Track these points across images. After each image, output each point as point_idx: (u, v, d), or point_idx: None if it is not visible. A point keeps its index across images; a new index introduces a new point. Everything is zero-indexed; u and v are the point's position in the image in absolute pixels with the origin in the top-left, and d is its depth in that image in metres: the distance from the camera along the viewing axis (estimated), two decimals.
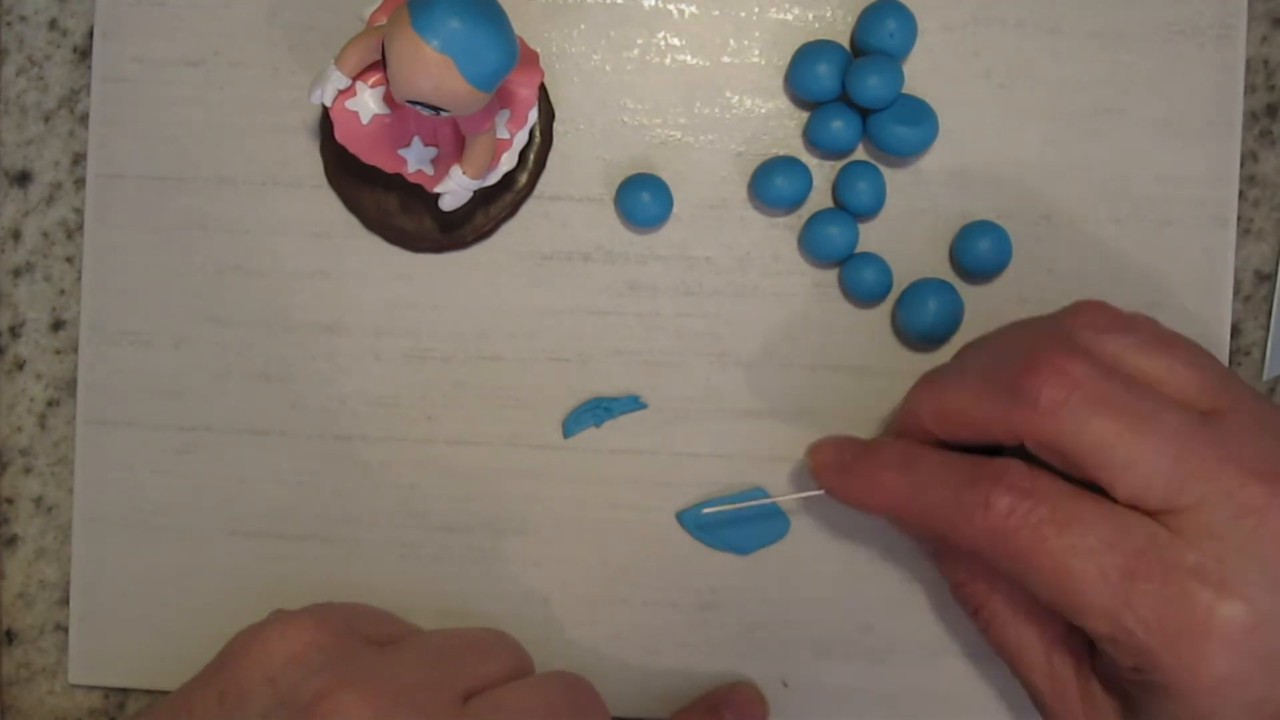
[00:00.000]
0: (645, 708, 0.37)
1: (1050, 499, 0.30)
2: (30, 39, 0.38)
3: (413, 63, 0.29)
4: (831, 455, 0.35)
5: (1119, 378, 0.30)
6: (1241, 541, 0.28)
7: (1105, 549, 0.29)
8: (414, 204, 0.37)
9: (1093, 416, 0.29)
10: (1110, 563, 0.29)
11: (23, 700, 0.39)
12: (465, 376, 0.37)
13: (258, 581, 0.38)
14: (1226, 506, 0.28)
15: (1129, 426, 0.29)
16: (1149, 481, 0.29)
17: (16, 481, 0.38)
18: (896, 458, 0.33)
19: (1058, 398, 0.29)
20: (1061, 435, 0.29)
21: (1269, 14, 0.38)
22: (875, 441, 0.34)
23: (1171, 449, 0.29)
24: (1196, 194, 0.37)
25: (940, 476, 0.31)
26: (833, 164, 0.37)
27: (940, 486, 0.31)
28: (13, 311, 0.38)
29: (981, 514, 0.30)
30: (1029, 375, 0.30)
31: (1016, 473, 0.30)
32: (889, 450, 0.33)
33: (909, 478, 0.32)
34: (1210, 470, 0.28)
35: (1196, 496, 0.29)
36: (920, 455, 0.33)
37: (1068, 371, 0.29)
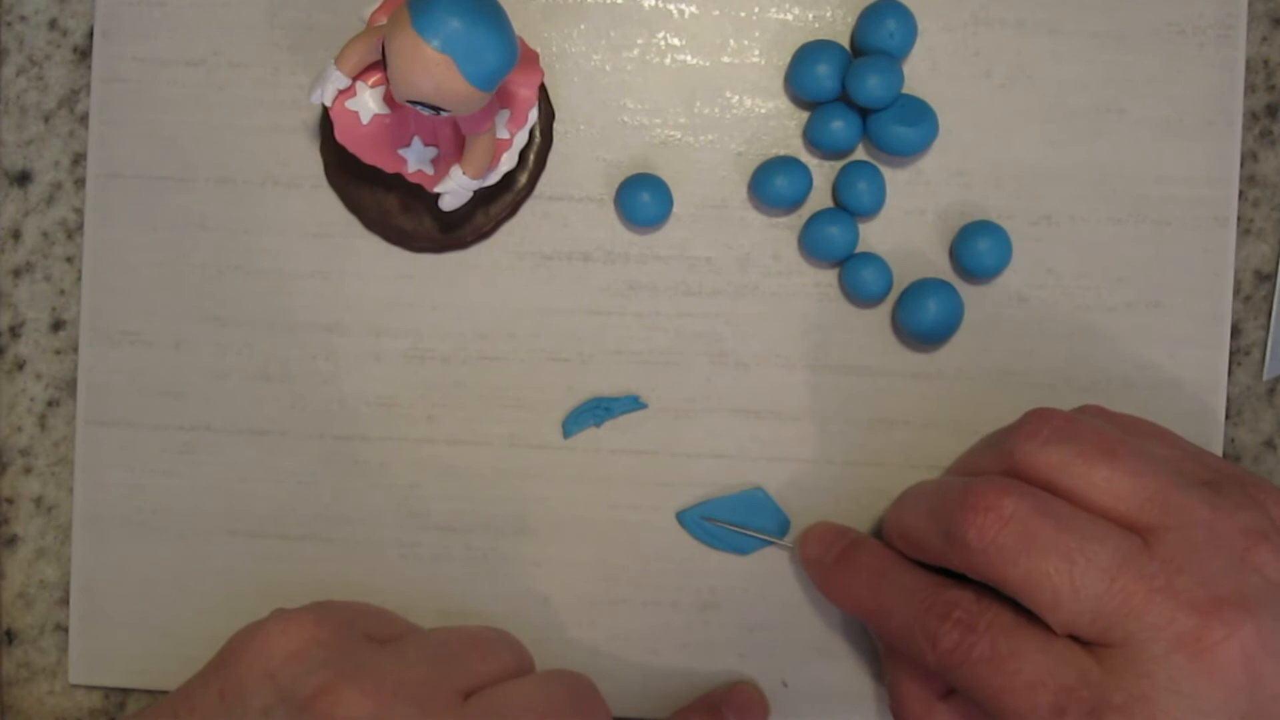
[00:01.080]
0: (645, 708, 0.37)
1: (991, 633, 0.30)
2: (30, 39, 0.38)
3: (413, 62, 0.29)
4: (817, 551, 0.36)
5: (1048, 510, 0.30)
6: (1172, 677, 0.28)
7: (1037, 685, 0.29)
8: (414, 204, 0.37)
9: (1020, 555, 0.30)
10: (1042, 699, 0.29)
11: (23, 700, 0.39)
12: (465, 376, 0.37)
13: (258, 581, 0.38)
14: (1157, 642, 0.28)
15: (1055, 563, 0.29)
16: (1079, 618, 0.29)
17: (16, 481, 0.38)
18: (870, 571, 0.34)
19: (986, 537, 0.30)
20: (992, 572, 0.30)
21: (1269, 14, 0.38)
22: (856, 545, 0.35)
23: (1099, 586, 0.29)
24: (1196, 194, 0.37)
25: (901, 600, 0.33)
26: (833, 164, 0.37)
27: (901, 609, 0.32)
28: (13, 311, 0.38)
29: (929, 647, 0.31)
30: (961, 512, 0.31)
31: (964, 606, 0.31)
32: (865, 559, 0.35)
33: (876, 593, 0.34)
34: (1139, 605, 0.29)
35: (1127, 631, 0.29)
36: (890, 571, 0.34)
37: (998, 508, 0.30)
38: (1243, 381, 0.38)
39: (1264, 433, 0.38)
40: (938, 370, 0.37)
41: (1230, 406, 0.38)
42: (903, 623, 0.32)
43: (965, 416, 0.37)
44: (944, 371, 0.37)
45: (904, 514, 0.34)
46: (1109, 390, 0.37)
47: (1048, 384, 0.37)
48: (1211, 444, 0.37)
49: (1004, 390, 0.37)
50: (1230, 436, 0.38)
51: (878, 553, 0.35)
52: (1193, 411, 0.37)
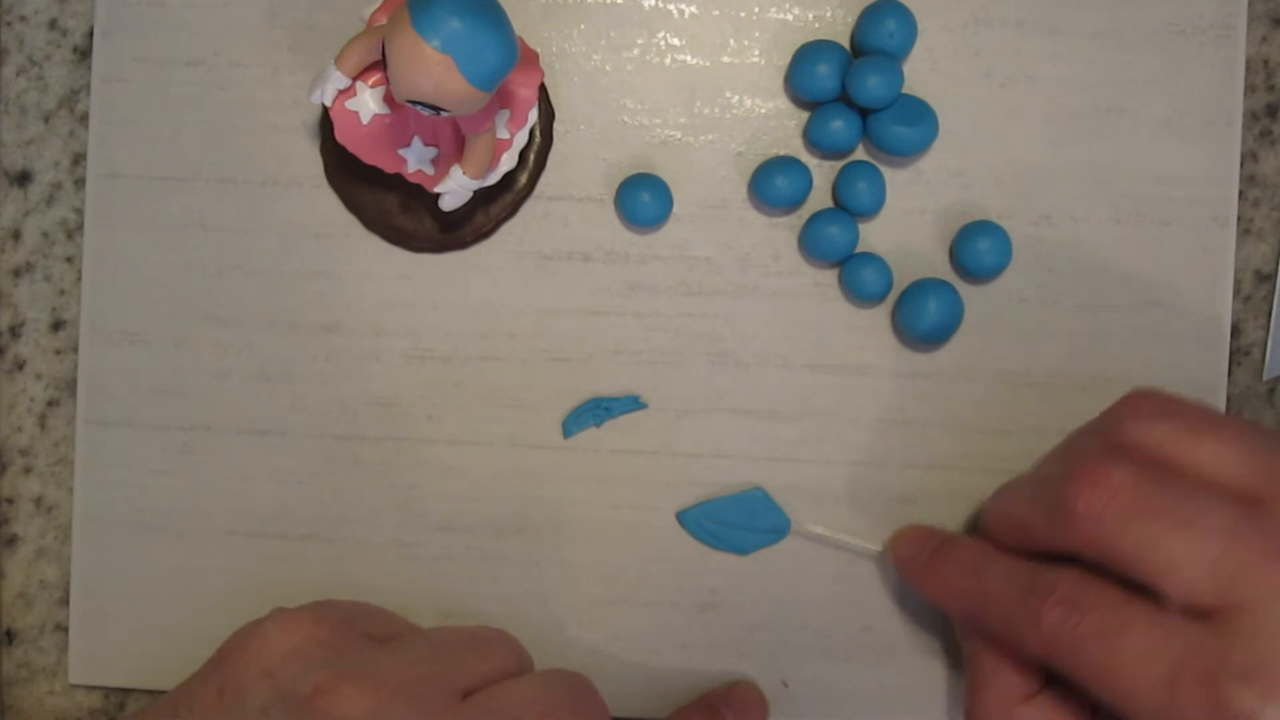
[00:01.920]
0: (645, 708, 0.37)
1: (1097, 610, 0.30)
2: (30, 39, 0.38)
3: (413, 62, 0.29)
4: (909, 550, 0.36)
5: (1158, 480, 0.30)
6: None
7: (1149, 658, 0.29)
8: (414, 204, 0.37)
9: (1130, 523, 0.29)
10: (1154, 671, 0.29)
11: (23, 700, 0.39)
12: (465, 376, 0.37)
13: (258, 581, 0.38)
14: (1276, 604, 0.28)
15: (1168, 530, 0.29)
16: (1193, 583, 0.29)
17: (16, 481, 0.38)
18: (966, 562, 0.34)
19: (1095, 507, 0.30)
20: (1102, 543, 0.30)
21: (1269, 14, 0.38)
22: (950, 541, 0.35)
23: (1214, 549, 0.29)
24: (1196, 194, 0.37)
25: (1002, 587, 0.32)
26: (833, 164, 0.37)
27: (1001, 597, 0.32)
28: (13, 311, 0.38)
29: (1034, 629, 0.31)
30: (1068, 485, 0.30)
31: (1067, 585, 0.31)
32: (961, 552, 0.34)
33: (975, 585, 0.33)
34: (1256, 567, 0.28)
35: (1244, 595, 0.28)
36: (987, 562, 0.33)
37: (1105, 479, 0.30)
38: (1243, 381, 0.38)
39: None
40: (938, 370, 0.37)
41: (1230, 406, 0.38)
42: (1003, 608, 0.32)
43: (965, 416, 0.37)
44: (944, 371, 0.37)
45: (1004, 503, 0.34)
46: (1109, 390, 0.37)
47: (1048, 384, 0.37)
48: None
49: (1004, 390, 0.37)
50: None
51: (973, 545, 0.34)
52: None
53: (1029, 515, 0.32)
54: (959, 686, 0.37)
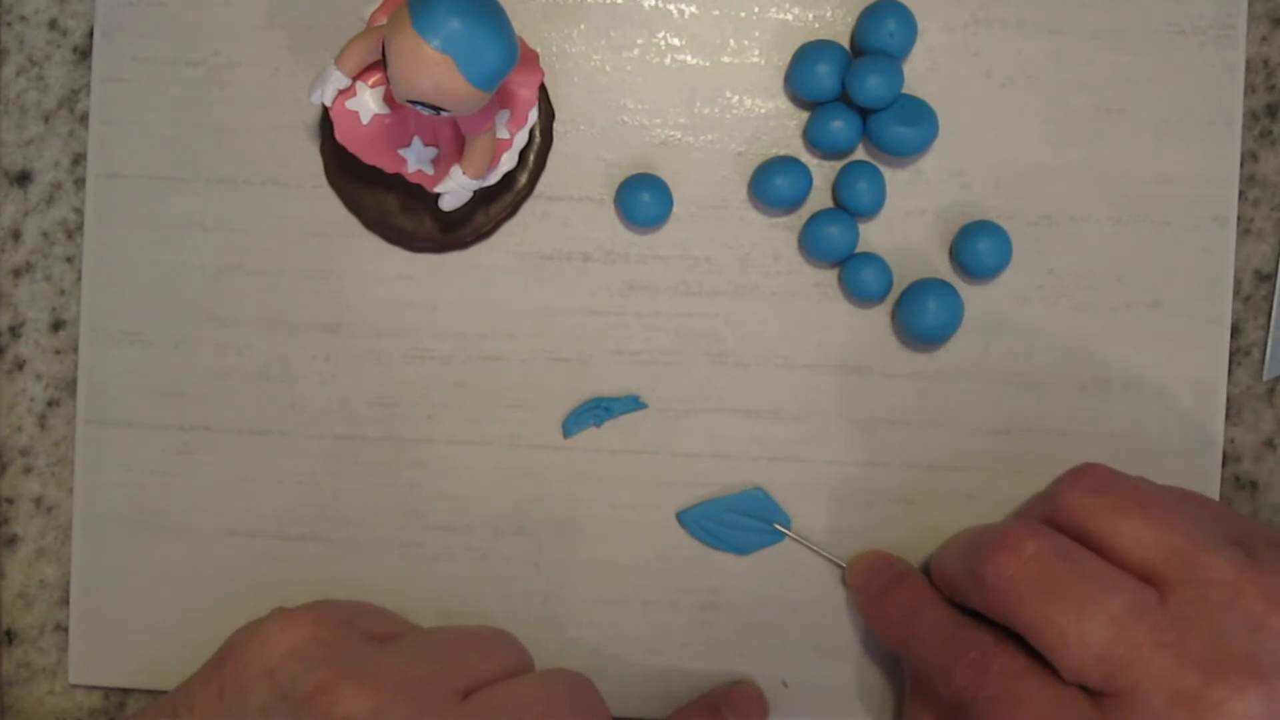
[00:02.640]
0: (645, 708, 0.37)
1: (1001, 678, 0.31)
2: (30, 39, 0.38)
3: (413, 62, 0.29)
4: (864, 580, 0.37)
5: (1070, 556, 0.30)
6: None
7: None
8: (414, 204, 0.37)
9: (1032, 596, 0.30)
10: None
11: (23, 700, 0.39)
12: (465, 376, 0.37)
13: (258, 581, 0.38)
14: (1159, 694, 0.28)
15: (1064, 609, 0.30)
16: (1083, 664, 0.29)
17: (16, 481, 0.38)
18: (906, 603, 0.35)
19: (1003, 575, 0.31)
20: (1006, 610, 0.31)
21: (1269, 14, 0.38)
22: (900, 579, 0.36)
23: (1107, 634, 0.29)
24: (1196, 194, 0.37)
25: (929, 635, 0.33)
26: (833, 164, 0.37)
27: (926, 645, 0.33)
28: (13, 311, 0.38)
29: (945, 684, 0.32)
30: (987, 551, 0.31)
31: (980, 647, 0.32)
32: (905, 593, 0.35)
33: (908, 628, 0.34)
34: (1145, 657, 0.29)
35: (1130, 681, 0.29)
36: (923, 606, 0.34)
37: (1019, 548, 0.31)
38: (1243, 381, 0.38)
39: (1264, 433, 0.38)
40: (938, 370, 0.37)
41: (1230, 406, 0.38)
42: (925, 657, 0.33)
43: (965, 416, 0.37)
44: (944, 371, 0.37)
45: (944, 552, 0.35)
46: (1109, 390, 0.37)
47: (1048, 384, 0.37)
48: (1211, 444, 0.37)
49: (1004, 390, 0.37)
50: (1230, 436, 0.38)
51: (916, 589, 0.35)
52: (1193, 411, 0.37)
53: (956, 571, 0.33)
54: None
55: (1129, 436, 0.37)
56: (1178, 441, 0.37)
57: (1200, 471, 0.37)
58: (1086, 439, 0.37)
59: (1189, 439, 0.37)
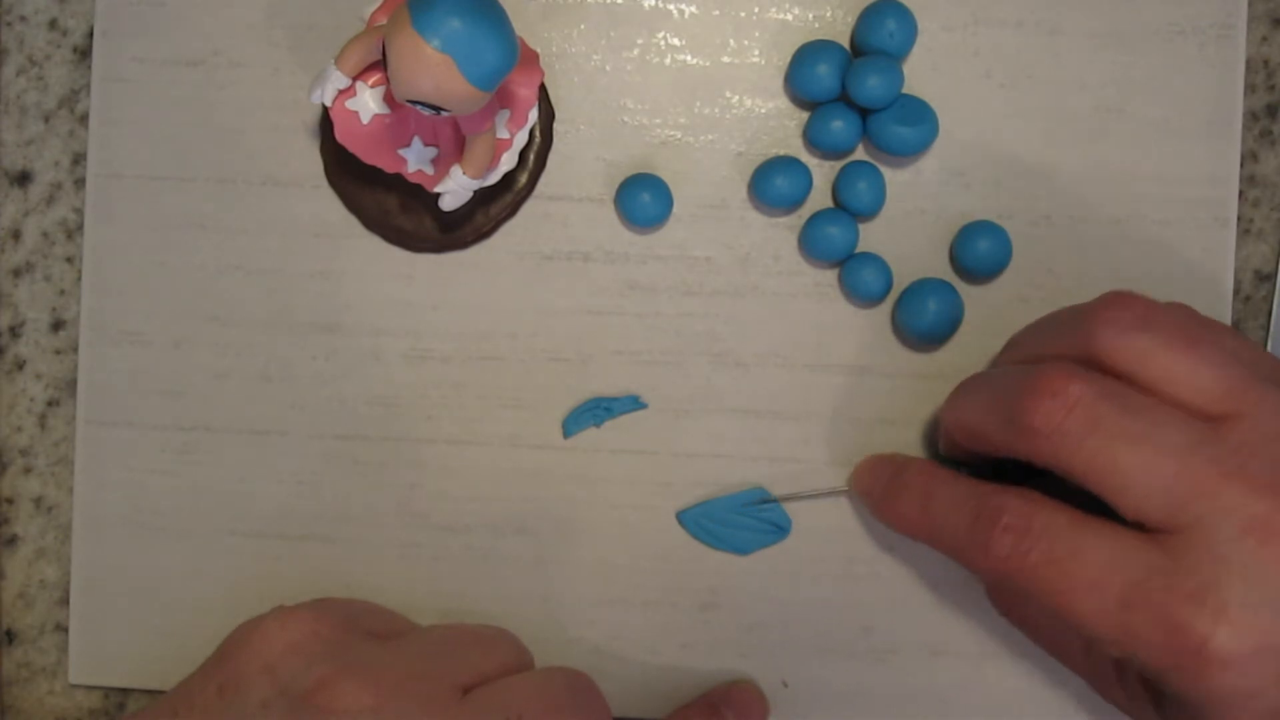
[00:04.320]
0: (645, 708, 0.37)
1: (1047, 535, 0.30)
2: (30, 39, 0.38)
3: (413, 62, 0.29)
4: (868, 482, 0.36)
5: (1119, 395, 0.29)
6: (1244, 560, 0.27)
7: (1100, 584, 0.29)
8: (414, 204, 0.37)
9: (1087, 438, 0.29)
10: (1108, 595, 0.28)
11: (23, 700, 0.39)
12: (465, 376, 0.37)
13: (258, 581, 0.38)
14: (1229, 524, 0.28)
15: (1123, 448, 0.29)
16: (1147, 501, 0.28)
17: (16, 481, 0.38)
18: (917, 487, 0.34)
19: (1052, 421, 0.29)
20: (1059, 458, 0.30)
21: (1269, 14, 0.38)
22: (904, 468, 0.35)
23: (1170, 468, 0.28)
24: (1196, 194, 0.37)
25: (951, 513, 0.32)
26: (833, 164, 0.37)
27: (952, 523, 0.32)
28: (13, 311, 0.38)
29: (985, 557, 0.30)
30: (1027, 398, 0.30)
31: (1014, 511, 0.30)
32: (913, 480, 0.34)
33: (927, 512, 0.33)
34: (1211, 487, 0.28)
35: (1197, 515, 0.28)
36: (937, 487, 0.33)
37: (1063, 392, 0.29)
38: None
39: None
40: (938, 370, 0.37)
41: None
42: (954, 537, 0.32)
43: None
44: (944, 371, 0.37)
45: (962, 405, 0.33)
46: None
47: None
48: None
49: None
50: None
51: (924, 472, 0.34)
52: None
53: (986, 422, 0.32)
54: (959, 687, 0.37)
55: None
56: None
57: None
58: None
59: None
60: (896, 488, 0.34)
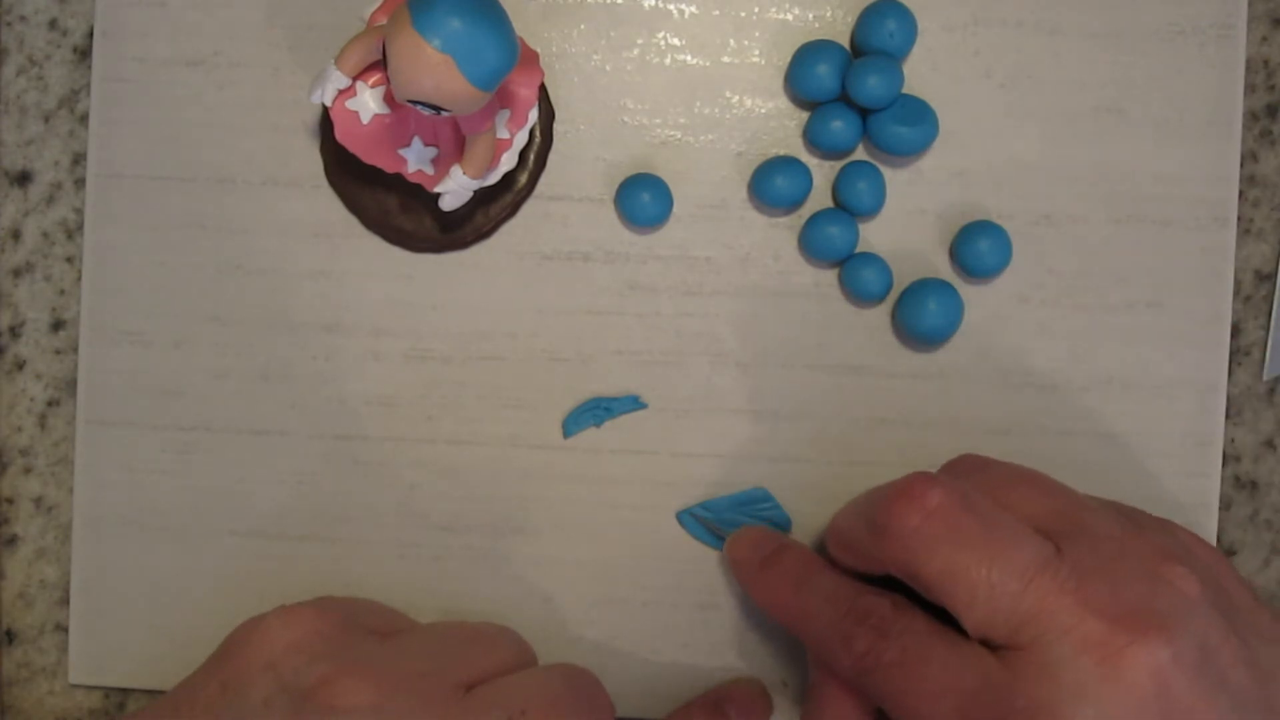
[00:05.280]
0: (646, 707, 0.37)
1: (902, 639, 0.30)
2: (30, 39, 0.38)
3: (414, 62, 0.29)
4: (745, 553, 0.36)
5: (975, 509, 0.30)
6: (1079, 681, 0.28)
7: (943, 693, 0.29)
8: (414, 204, 0.37)
9: (940, 546, 0.29)
10: (947, 706, 0.29)
11: (23, 700, 0.39)
12: (465, 376, 0.37)
13: (258, 581, 0.38)
14: (1065, 645, 0.28)
15: (975, 559, 0.29)
16: (991, 616, 0.29)
17: (16, 481, 0.38)
18: (793, 574, 0.34)
19: (909, 525, 0.30)
20: (912, 564, 0.30)
21: (1269, 14, 0.38)
22: (784, 549, 0.35)
23: (1014, 584, 0.29)
24: (1196, 194, 0.37)
25: (822, 604, 0.32)
26: (833, 164, 0.37)
27: (820, 615, 0.32)
28: (13, 311, 0.38)
29: (845, 652, 0.31)
30: (889, 502, 0.30)
31: (879, 612, 0.31)
32: (791, 563, 0.34)
33: (798, 598, 0.33)
34: (1051, 607, 0.28)
35: (1036, 633, 0.28)
36: (812, 576, 0.33)
37: (923, 499, 0.30)
38: (1243, 381, 0.38)
39: (1264, 433, 0.38)
40: (938, 370, 0.37)
41: (1230, 406, 0.38)
42: (821, 627, 0.32)
43: (965, 416, 0.37)
44: (944, 371, 0.37)
45: (837, 518, 0.34)
46: (1109, 390, 0.37)
47: (1048, 384, 0.37)
48: (1211, 444, 0.37)
49: (1004, 390, 0.37)
50: (1230, 436, 0.38)
51: (804, 557, 0.34)
52: (1193, 411, 0.37)
53: (855, 530, 0.32)
54: None
55: (1129, 436, 0.37)
56: (1178, 441, 0.37)
57: (1200, 471, 0.37)
58: (1086, 439, 0.37)
59: (1189, 439, 0.37)
60: (773, 566, 0.35)
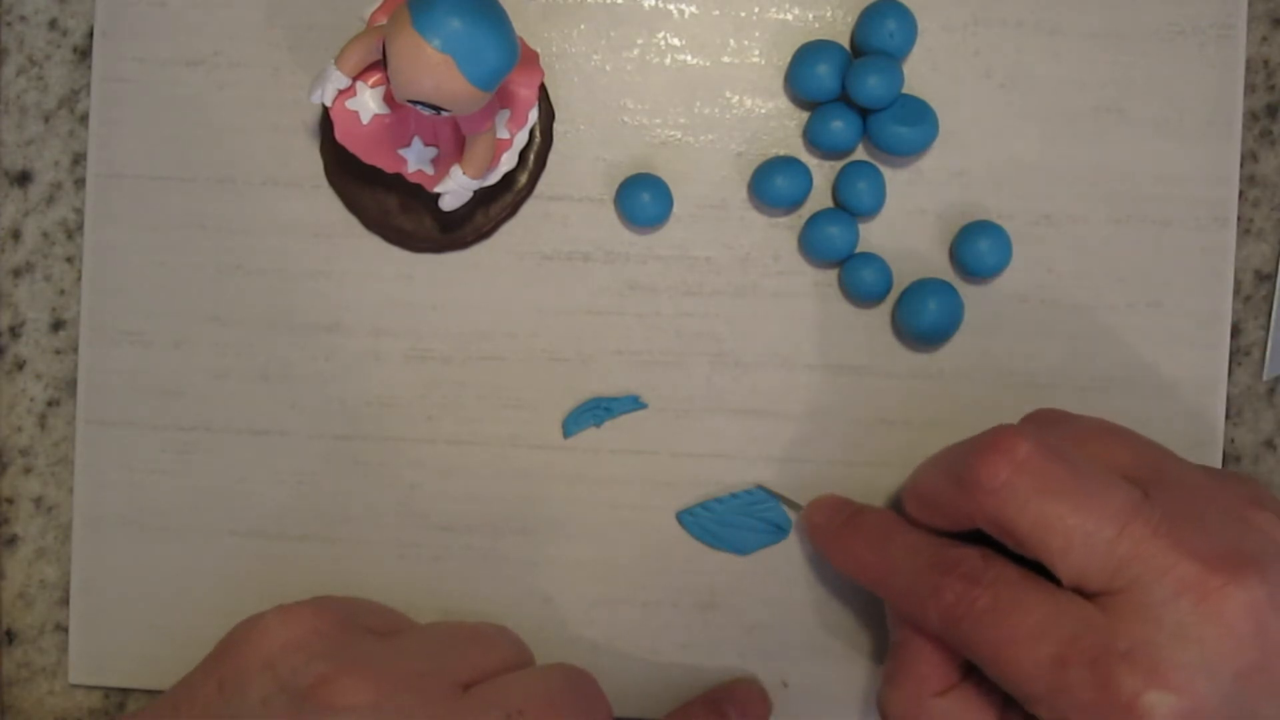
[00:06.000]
0: (645, 708, 0.37)
1: (994, 587, 0.30)
2: (30, 39, 0.38)
3: (414, 62, 0.29)
4: (823, 518, 0.36)
5: (1064, 459, 0.30)
6: (1178, 623, 0.28)
7: (1040, 637, 0.29)
8: (414, 204, 0.37)
9: (1033, 497, 0.29)
10: (1044, 651, 0.29)
11: (23, 700, 0.39)
12: (465, 376, 0.37)
13: (258, 581, 0.38)
14: (1163, 587, 0.28)
15: (1068, 508, 0.29)
16: (1087, 563, 0.29)
17: (16, 481, 0.38)
18: (874, 532, 0.34)
19: (999, 478, 0.30)
20: (1003, 516, 0.30)
21: (1269, 14, 0.38)
22: (862, 511, 0.35)
23: (1109, 530, 0.29)
24: (1196, 194, 0.37)
25: (906, 559, 0.32)
26: (833, 164, 0.37)
27: (905, 569, 0.32)
28: (13, 311, 0.38)
29: (933, 602, 0.31)
30: (977, 456, 0.30)
31: (969, 562, 0.31)
32: (870, 522, 0.34)
33: (881, 556, 0.33)
34: (1146, 551, 0.28)
35: (1133, 577, 0.28)
36: (894, 534, 0.33)
37: (1012, 452, 0.30)
38: (1243, 381, 0.38)
39: (1264, 433, 0.38)
40: (938, 370, 0.37)
41: (1230, 406, 0.38)
42: (907, 581, 0.32)
43: (965, 416, 0.37)
44: (944, 371, 0.37)
45: (918, 476, 0.34)
46: (1109, 390, 0.37)
47: (1048, 384, 0.37)
48: (1211, 444, 0.37)
49: (1004, 390, 0.37)
50: (1230, 436, 0.38)
51: (883, 515, 0.34)
52: (1193, 411, 0.37)
53: (939, 486, 0.32)
54: None
55: None
56: (1178, 441, 0.37)
57: None
58: None
59: (1189, 439, 0.37)
60: (854, 527, 0.35)
